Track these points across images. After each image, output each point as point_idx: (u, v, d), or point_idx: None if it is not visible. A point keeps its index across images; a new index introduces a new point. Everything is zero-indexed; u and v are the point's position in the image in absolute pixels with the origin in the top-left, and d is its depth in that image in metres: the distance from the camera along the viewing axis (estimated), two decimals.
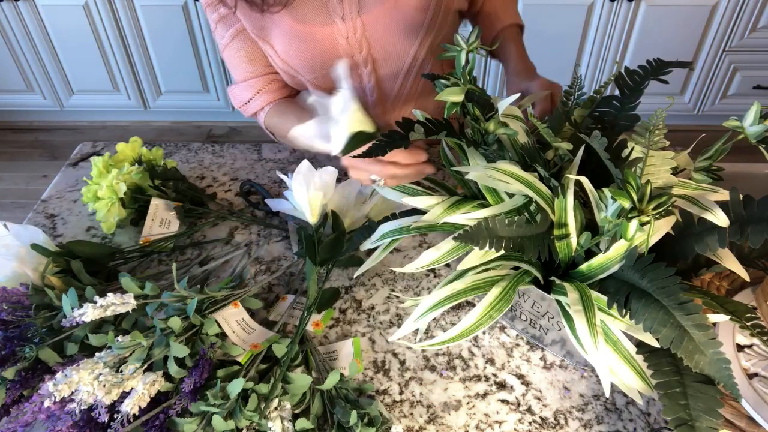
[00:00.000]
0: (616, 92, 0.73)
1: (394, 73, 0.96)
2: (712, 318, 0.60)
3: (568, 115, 0.73)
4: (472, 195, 0.72)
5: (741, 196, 0.61)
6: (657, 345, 0.57)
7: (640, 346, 0.61)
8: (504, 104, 0.68)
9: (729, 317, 0.61)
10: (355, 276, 0.86)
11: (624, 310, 0.57)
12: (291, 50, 0.89)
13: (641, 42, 2.26)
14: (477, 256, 0.63)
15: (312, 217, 0.86)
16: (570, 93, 0.74)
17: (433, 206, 0.68)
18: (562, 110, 0.73)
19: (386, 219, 0.73)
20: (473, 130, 0.70)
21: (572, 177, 0.62)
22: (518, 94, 0.70)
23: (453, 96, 0.65)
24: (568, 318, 0.62)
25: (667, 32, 2.23)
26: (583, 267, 0.64)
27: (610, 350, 0.62)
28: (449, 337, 0.62)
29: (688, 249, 0.62)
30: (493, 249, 0.57)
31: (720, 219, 0.59)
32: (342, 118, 0.70)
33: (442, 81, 0.67)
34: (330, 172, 0.87)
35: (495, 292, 0.62)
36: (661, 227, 0.62)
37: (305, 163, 0.86)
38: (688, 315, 0.53)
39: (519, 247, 0.59)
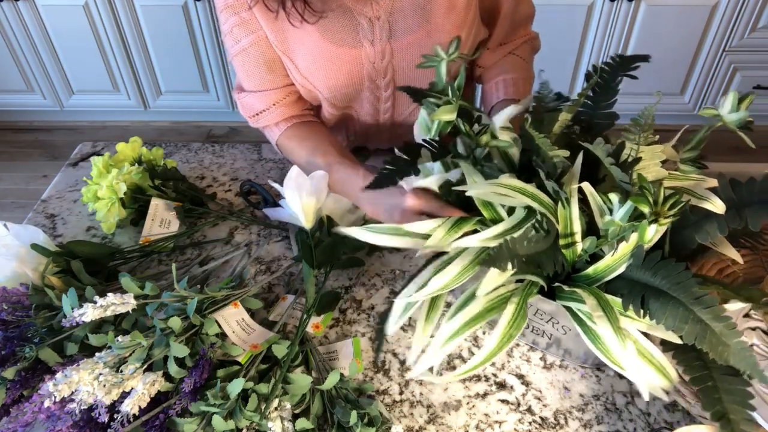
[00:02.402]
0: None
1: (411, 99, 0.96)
2: (729, 307, 0.60)
3: (542, 120, 0.72)
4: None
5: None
6: (678, 341, 0.57)
7: (664, 344, 0.61)
8: (501, 119, 0.66)
9: (746, 304, 0.61)
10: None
11: (642, 311, 0.57)
12: (313, 67, 0.87)
13: (641, 42, 2.26)
14: (495, 278, 0.61)
15: (306, 223, 0.85)
16: (541, 98, 0.73)
17: (435, 230, 0.65)
18: (536, 117, 0.72)
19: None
20: (465, 146, 0.68)
21: (575, 185, 0.62)
22: (513, 108, 0.67)
23: (446, 114, 0.64)
24: (580, 322, 0.62)
25: (667, 32, 2.23)
26: (589, 270, 0.63)
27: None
28: (473, 365, 0.60)
29: (687, 239, 0.63)
30: (515, 269, 0.56)
31: (718, 206, 0.60)
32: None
33: (431, 100, 0.65)
34: (321, 177, 0.85)
35: (510, 309, 0.61)
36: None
37: (295, 169, 0.84)
38: (706, 308, 0.53)
39: (538, 264, 0.59)
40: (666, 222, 0.55)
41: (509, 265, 0.55)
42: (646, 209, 0.54)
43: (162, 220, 0.95)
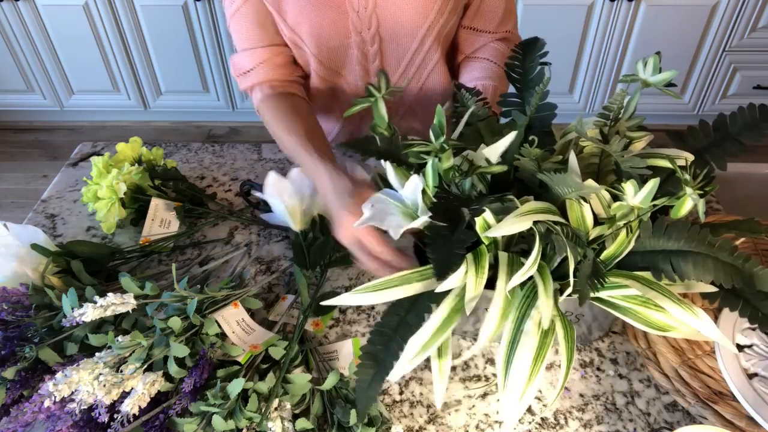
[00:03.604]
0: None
1: (399, 57, 0.95)
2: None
3: (479, 129, 0.71)
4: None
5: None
6: (713, 289, 0.60)
7: (705, 296, 0.63)
8: (496, 150, 0.65)
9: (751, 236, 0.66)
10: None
11: (676, 276, 0.59)
12: (300, 18, 0.88)
13: (641, 42, 2.26)
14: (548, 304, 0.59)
15: (296, 225, 0.84)
16: (463, 103, 0.73)
17: (465, 279, 0.60)
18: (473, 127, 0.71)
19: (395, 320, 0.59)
20: (455, 185, 0.65)
21: (584, 185, 0.62)
22: (512, 135, 0.65)
23: (447, 161, 0.62)
24: (614, 307, 0.62)
25: (667, 32, 2.23)
26: (602, 257, 0.63)
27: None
28: (557, 394, 0.59)
29: (665, 195, 0.65)
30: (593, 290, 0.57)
31: (687, 157, 0.64)
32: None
33: (417, 149, 0.61)
34: (298, 176, 0.82)
35: (559, 326, 0.59)
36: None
37: (272, 175, 0.83)
38: (725, 251, 0.57)
39: (597, 273, 0.59)
40: (709, 191, 0.58)
41: (590, 292, 0.57)
42: (688, 189, 0.57)
43: (162, 220, 0.95)
